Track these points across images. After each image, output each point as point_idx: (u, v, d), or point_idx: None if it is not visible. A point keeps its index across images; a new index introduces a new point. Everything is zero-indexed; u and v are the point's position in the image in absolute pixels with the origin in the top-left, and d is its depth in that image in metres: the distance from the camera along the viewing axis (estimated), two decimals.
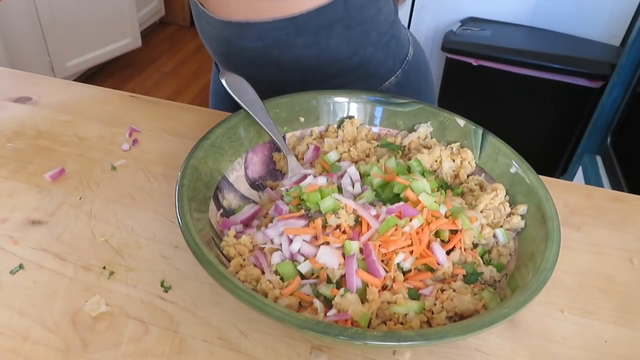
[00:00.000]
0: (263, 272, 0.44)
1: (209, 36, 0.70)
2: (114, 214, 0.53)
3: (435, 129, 0.57)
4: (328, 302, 0.42)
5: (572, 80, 1.60)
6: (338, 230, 0.44)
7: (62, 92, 0.70)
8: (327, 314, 0.40)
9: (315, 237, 0.44)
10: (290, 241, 0.44)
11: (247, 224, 0.49)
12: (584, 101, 1.64)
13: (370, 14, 0.66)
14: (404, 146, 0.57)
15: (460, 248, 0.46)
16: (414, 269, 0.44)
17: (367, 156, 0.56)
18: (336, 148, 0.56)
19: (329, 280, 0.43)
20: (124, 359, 0.41)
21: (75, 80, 1.99)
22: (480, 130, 0.54)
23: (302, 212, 0.46)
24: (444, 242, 0.46)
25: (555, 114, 1.70)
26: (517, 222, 0.48)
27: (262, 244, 0.46)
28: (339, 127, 0.59)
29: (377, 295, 0.41)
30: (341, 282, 0.43)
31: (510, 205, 0.50)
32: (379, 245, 0.43)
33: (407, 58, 0.74)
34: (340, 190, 0.49)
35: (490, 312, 0.38)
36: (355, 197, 0.49)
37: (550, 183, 0.59)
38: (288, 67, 0.67)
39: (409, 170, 0.52)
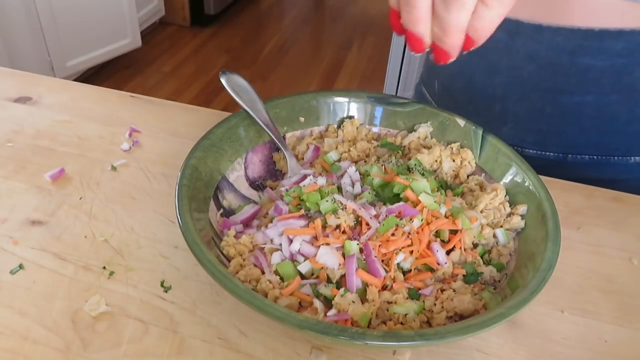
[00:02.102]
0: (263, 272, 0.44)
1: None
2: (114, 214, 0.53)
3: (435, 129, 0.57)
4: (328, 302, 0.42)
5: None
6: (338, 231, 0.45)
7: (62, 92, 0.70)
8: (327, 314, 0.40)
9: (315, 237, 0.44)
10: (290, 241, 0.44)
11: (247, 224, 0.49)
12: None
13: None
14: (404, 146, 0.57)
15: (460, 248, 0.46)
16: (414, 269, 0.44)
17: (367, 156, 0.56)
18: (336, 148, 0.56)
19: (329, 280, 0.43)
20: (124, 359, 0.41)
21: (75, 80, 1.99)
22: (480, 131, 0.54)
23: (302, 212, 0.46)
24: (444, 242, 0.46)
25: None
26: (517, 222, 0.48)
27: (262, 244, 0.46)
28: (339, 127, 0.59)
29: (377, 295, 0.41)
30: (341, 282, 0.43)
31: (510, 205, 0.50)
32: (379, 245, 0.43)
33: None
34: (340, 190, 0.49)
35: (490, 312, 0.38)
36: (355, 197, 0.49)
37: (550, 183, 0.59)
38: None
39: (409, 170, 0.52)
